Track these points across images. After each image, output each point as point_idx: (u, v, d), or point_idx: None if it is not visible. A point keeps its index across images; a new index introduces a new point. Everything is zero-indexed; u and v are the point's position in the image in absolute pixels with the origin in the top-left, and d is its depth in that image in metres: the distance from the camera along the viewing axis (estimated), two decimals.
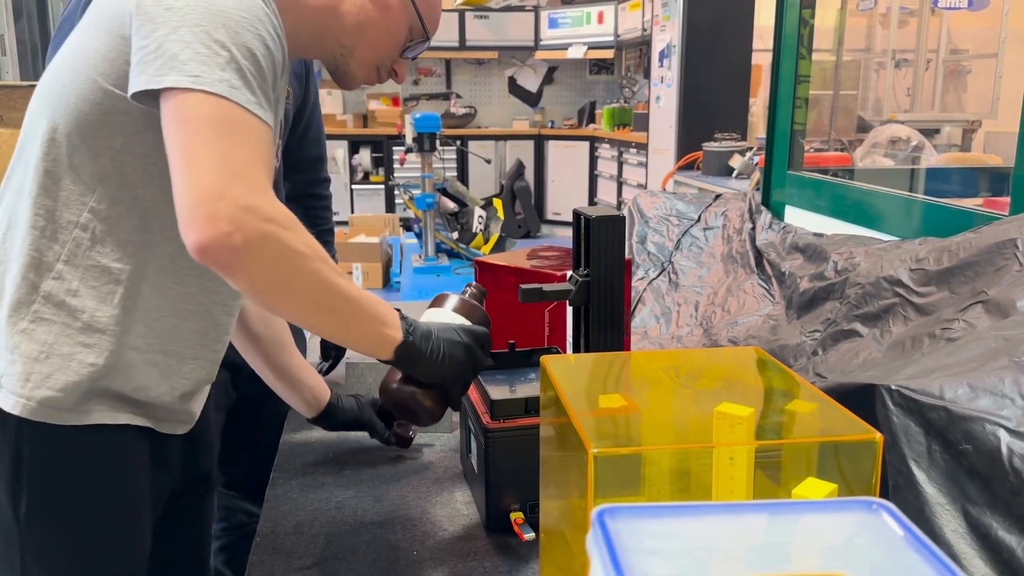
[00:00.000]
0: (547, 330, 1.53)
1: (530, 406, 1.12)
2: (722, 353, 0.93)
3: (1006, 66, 4.90)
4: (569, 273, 1.21)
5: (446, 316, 1.06)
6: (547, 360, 0.78)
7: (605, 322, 1.15)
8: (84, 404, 0.92)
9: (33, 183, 0.90)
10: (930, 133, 4.07)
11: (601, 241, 1.13)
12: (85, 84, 0.88)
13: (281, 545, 1.11)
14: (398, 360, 0.96)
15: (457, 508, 1.21)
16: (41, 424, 0.90)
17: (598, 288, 1.14)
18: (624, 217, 1.12)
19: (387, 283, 5.65)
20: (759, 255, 2.02)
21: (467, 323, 1.06)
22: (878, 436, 0.59)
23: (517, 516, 1.10)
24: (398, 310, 0.98)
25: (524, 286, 1.17)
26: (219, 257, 0.78)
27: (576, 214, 1.18)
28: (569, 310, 1.29)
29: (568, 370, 0.81)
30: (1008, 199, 1.41)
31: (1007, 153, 4.42)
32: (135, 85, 0.82)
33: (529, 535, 1.07)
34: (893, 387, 0.89)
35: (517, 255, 1.66)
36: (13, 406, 0.90)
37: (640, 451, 0.60)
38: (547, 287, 1.17)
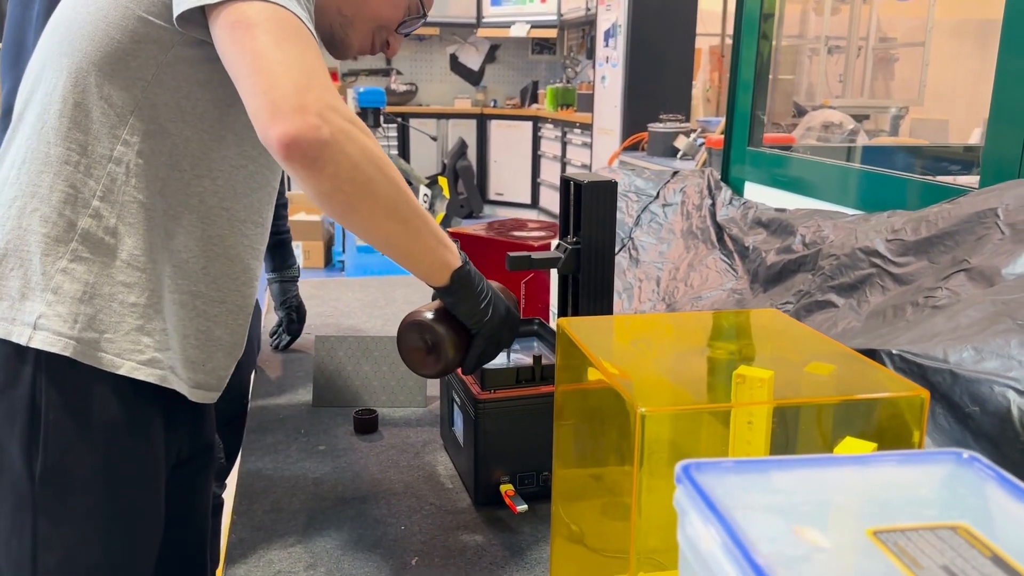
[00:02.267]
0: (523, 302, 1.50)
1: (521, 376, 1.09)
2: (737, 315, 0.92)
3: (932, 55, 5.09)
4: (556, 241, 1.18)
5: None
6: (564, 323, 0.75)
7: (595, 290, 1.12)
8: (132, 344, 0.88)
9: (61, 118, 0.87)
10: (860, 119, 4.19)
11: (593, 208, 1.10)
12: (115, 12, 0.86)
13: (260, 523, 1.06)
14: (452, 286, 0.93)
15: (440, 482, 1.17)
16: (63, 375, 0.86)
17: (589, 256, 1.12)
18: (616, 183, 1.10)
19: (329, 263, 5.52)
20: (720, 230, 2.03)
21: None
22: (925, 392, 0.58)
23: (507, 488, 1.07)
24: (456, 240, 0.97)
25: (512, 254, 1.14)
26: (308, 150, 0.76)
27: (565, 180, 1.15)
28: (554, 279, 1.27)
29: (584, 333, 0.78)
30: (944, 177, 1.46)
31: (932, 138, 4.60)
32: (187, 2, 0.80)
33: (522, 507, 1.04)
34: (895, 351, 0.89)
35: (478, 228, 1.63)
36: (63, 348, 0.85)
37: (690, 409, 0.58)
38: (536, 255, 1.14)
